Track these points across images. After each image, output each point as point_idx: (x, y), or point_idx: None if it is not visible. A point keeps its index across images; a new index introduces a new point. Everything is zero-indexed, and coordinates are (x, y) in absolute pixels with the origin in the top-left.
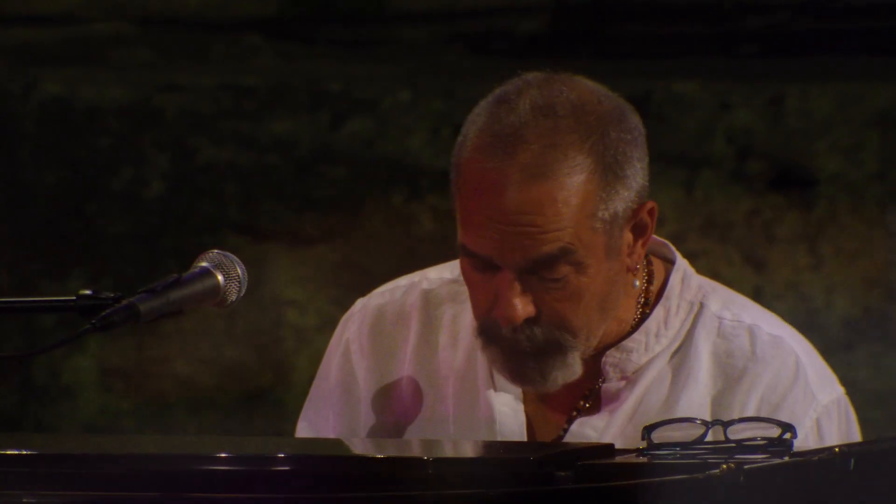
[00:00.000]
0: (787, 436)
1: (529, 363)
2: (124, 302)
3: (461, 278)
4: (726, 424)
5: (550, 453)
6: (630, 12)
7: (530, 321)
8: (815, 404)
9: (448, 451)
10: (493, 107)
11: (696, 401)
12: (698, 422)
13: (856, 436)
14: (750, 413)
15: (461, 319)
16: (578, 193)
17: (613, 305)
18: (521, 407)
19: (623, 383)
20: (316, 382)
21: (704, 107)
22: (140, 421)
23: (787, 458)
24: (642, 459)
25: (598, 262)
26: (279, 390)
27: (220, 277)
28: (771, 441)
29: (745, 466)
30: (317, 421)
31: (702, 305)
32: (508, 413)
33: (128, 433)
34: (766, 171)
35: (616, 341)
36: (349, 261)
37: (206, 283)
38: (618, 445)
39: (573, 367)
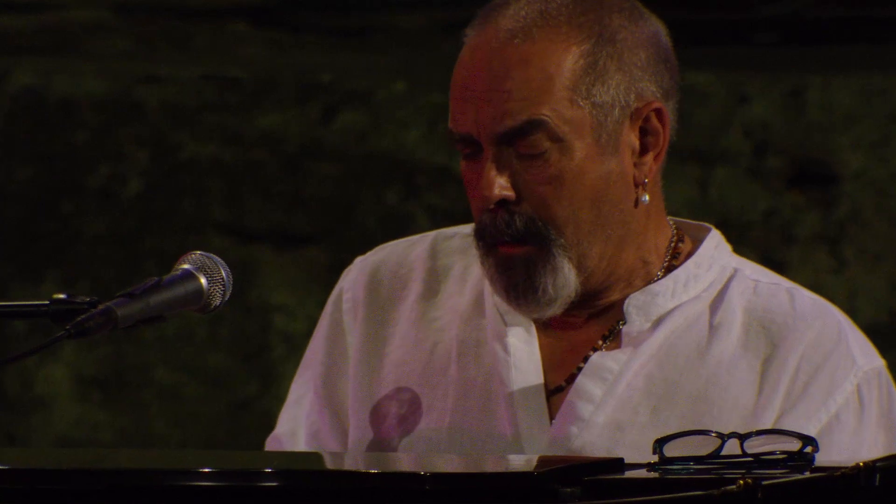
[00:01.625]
0: (808, 449)
1: (519, 273)
2: (101, 307)
3: None
4: (743, 437)
5: (555, 468)
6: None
7: (509, 205)
8: (855, 369)
9: (447, 466)
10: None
11: (729, 352)
12: (713, 434)
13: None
14: (789, 371)
15: (471, 271)
16: (555, 61)
17: (612, 213)
18: (534, 341)
19: (647, 325)
20: (312, 338)
21: (720, 99)
22: (118, 434)
23: (807, 474)
24: (653, 474)
25: (586, 146)
26: (266, 400)
27: (203, 281)
28: (791, 455)
29: (764, 482)
30: (306, 378)
31: (736, 269)
32: (521, 347)
33: (105, 447)
34: (786, 168)
35: (641, 287)
36: (341, 263)
37: (189, 287)
38: (639, 383)
39: (564, 274)
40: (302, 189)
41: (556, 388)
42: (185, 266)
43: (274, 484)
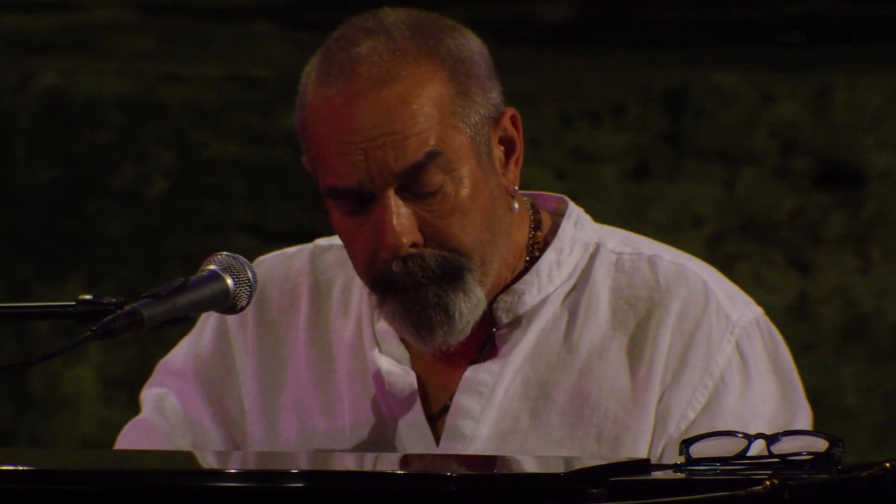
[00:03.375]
0: (836, 450)
1: (430, 304)
2: (127, 308)
3: None
4: (770, 439)
5: (582, 468)
6: None
7: (418, 249)
8: (730, 326)
9: (472, 467)
10: (323, 52)
11: (599, 337)
12: (739, 435)
13: (784, 355)
14: (663, 346)
15: (351, 287)
16: (432, 93)
17: (501, 228)
18: (408, 366)
19: (518, 326)
20: (177, 349)
21: (746, 99)
22: None
23: (834, 475)
24: (680, 475)
25: (472, 170)
26: None
27: (229, 281)
28: (817, 456)
29: (790, 483)
30: (180, 389)
31: (598, 245)
32: (397, 373)
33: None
34: (812, 168)
35: (506, 287)
36: None
37: (215, 288)
38: (515, 389)
39: (475, 296)
40: None
41: (443, 408)
42: (211, 267)
43: (300, 485)
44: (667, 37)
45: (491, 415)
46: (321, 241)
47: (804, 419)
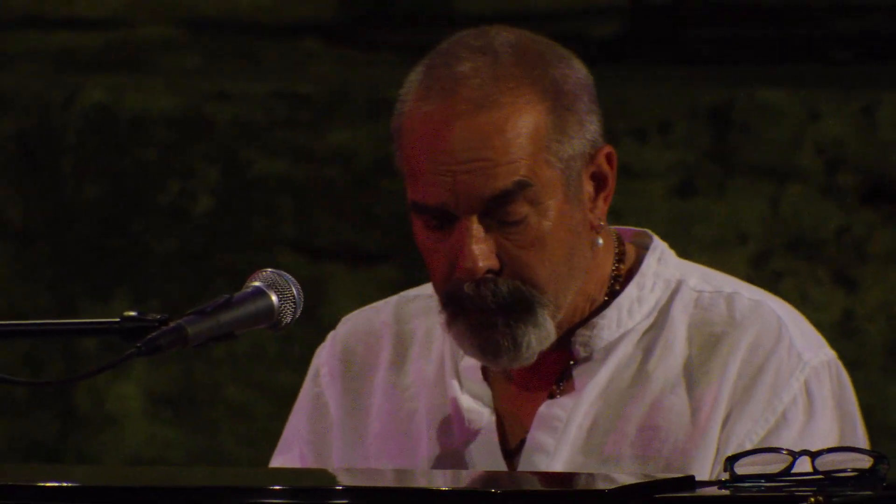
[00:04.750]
0: (881, 467)
1: (499, 330)
2: (172, 324)
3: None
4: (814, 455)
5: (627, 486)
6: (712, 15)
7: (493, 274)
8: (801, 365)
9: (517, 484)
10: (427, 63)
11: (673, 372)
12: (784, 452)
13: (851, 401)
14: (730, 377)
15: (434, 332)
16: (529, 124)
17: (580, 263)
18: (489, 401)
19: (594, 361)
20: (290, 419)
21: (792, 116)
22: (189, 452)
23: (878, 492)
24: (724, 492)
25: (559, 204)
26: None
27: (274, 298)
28: (862, 472)
29: (835, 499)
30: (288, 458)
31: (680, 282)
32: (477, 410)
33: (176, 465)
34: (858, 185)
35: (586, 320)
36: (412, 280)
37: (260, 305)
38: (588, 424)
39: (545, 329)
40: (373, 206)
41: (520, 443)
42: (256, 283)
43: (345, 501)
44: (713, 54)
45: (565, 450)
46: (408, 292)
47: None
